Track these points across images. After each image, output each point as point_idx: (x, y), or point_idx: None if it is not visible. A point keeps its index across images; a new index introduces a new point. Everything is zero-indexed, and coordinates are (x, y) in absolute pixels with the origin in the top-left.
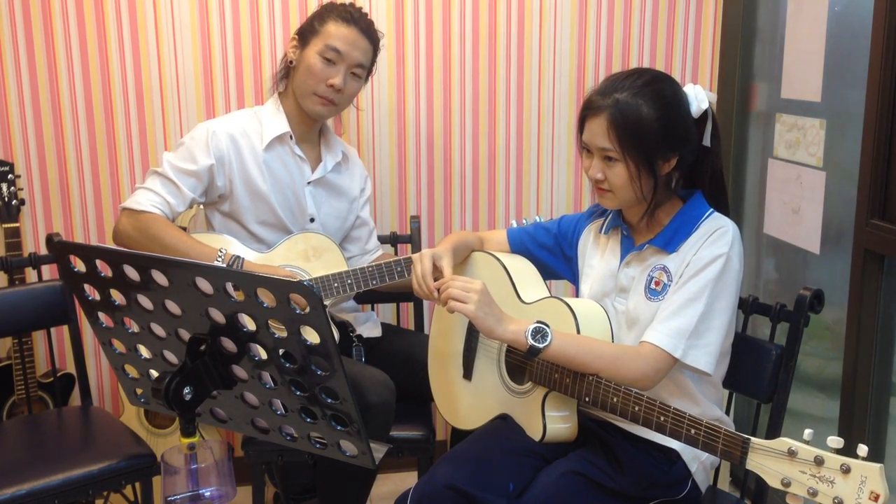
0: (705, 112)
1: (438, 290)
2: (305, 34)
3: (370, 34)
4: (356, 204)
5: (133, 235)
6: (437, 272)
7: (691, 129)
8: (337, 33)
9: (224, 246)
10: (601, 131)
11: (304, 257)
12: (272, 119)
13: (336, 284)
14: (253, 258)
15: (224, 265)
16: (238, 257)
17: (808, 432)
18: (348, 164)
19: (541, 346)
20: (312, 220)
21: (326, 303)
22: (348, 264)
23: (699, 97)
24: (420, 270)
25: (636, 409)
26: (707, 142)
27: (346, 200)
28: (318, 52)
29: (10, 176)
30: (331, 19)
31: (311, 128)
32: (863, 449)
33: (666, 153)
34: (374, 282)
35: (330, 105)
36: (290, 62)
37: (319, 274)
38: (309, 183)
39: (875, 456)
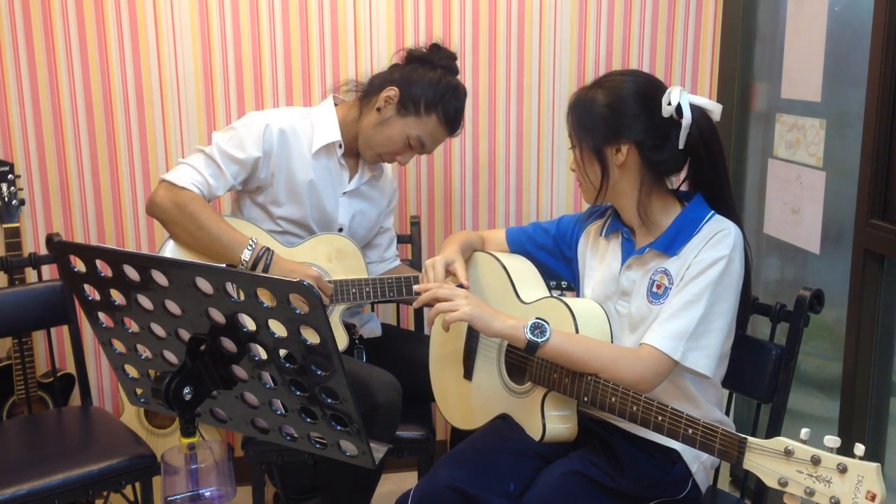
0: (683, 115)
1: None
2: (408, 103)
3: (455, 135)
4: (382, 214)
5: (169, 209)
6: (449, 275)
7: (650, 122)
8: (435, 133)
9: (254, 235)
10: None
11: (327, 258)
12: (325, 125)
13: (354, 290)
14: (281, 252)
15: (253, 254)
16: (268, 249)
17: (804, 431)
18: (381, 176)
19: (539, 340)
20: (341, 229)
21: (341, 307)
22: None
23: (672, 98)
24: (433, 278)
25: (634, 408)
26: (681, 145)
27: (376, 211)
28: (409, 136)
29: (10, 176)
30: (437, 115)
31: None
32: (859, 448)
33: (612, 138)
34: (392, 294)
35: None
36: (378, 108)
37: (339, 277)
38: (344, 193)
39: (875, 456)
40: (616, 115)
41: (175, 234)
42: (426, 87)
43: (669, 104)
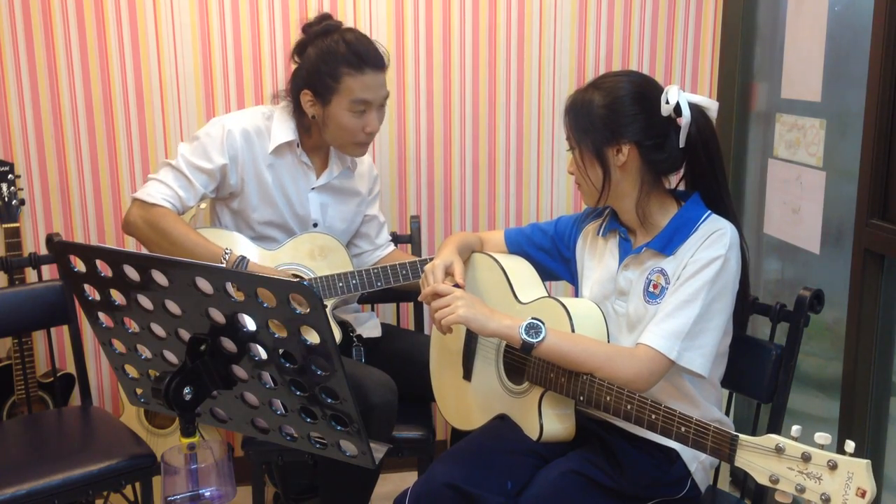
0: (682, 113)
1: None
2: (321, 92)
3: (382, 65)
4: (363, 205)
5: (142, 227)
6: (448, 276)
7: (649, 121)
8: (356, 86)
9: (230, 244)
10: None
11: (310, 256)
12: (282, 125)
13: (340, 284)
14: (259, 257)
15: (227, 266)
16: (243, 258)
17: (795, 428)
18: (356, 167)
19: (534, 340)
20: (316, 224)
21: (330, 302)
22: (359, 259)
23: (670, 96)
24: (433, 282)
25: (628, 407)
26: (682, 143)
27: (353, 203)
28: (347, 109)
29: (10, 176)
30: (344, 73)
31: (324, 142)
32: (850, 445)
33: (612, 139)
34: (379, 283)
35: (369, 143)
36: (312, 116)
37: (325, 273)
38: (313, 189)
39: (875, 456)
40: (615, 115)
41: (152, 252)
42: (320, 65)
43: (668, 103)
